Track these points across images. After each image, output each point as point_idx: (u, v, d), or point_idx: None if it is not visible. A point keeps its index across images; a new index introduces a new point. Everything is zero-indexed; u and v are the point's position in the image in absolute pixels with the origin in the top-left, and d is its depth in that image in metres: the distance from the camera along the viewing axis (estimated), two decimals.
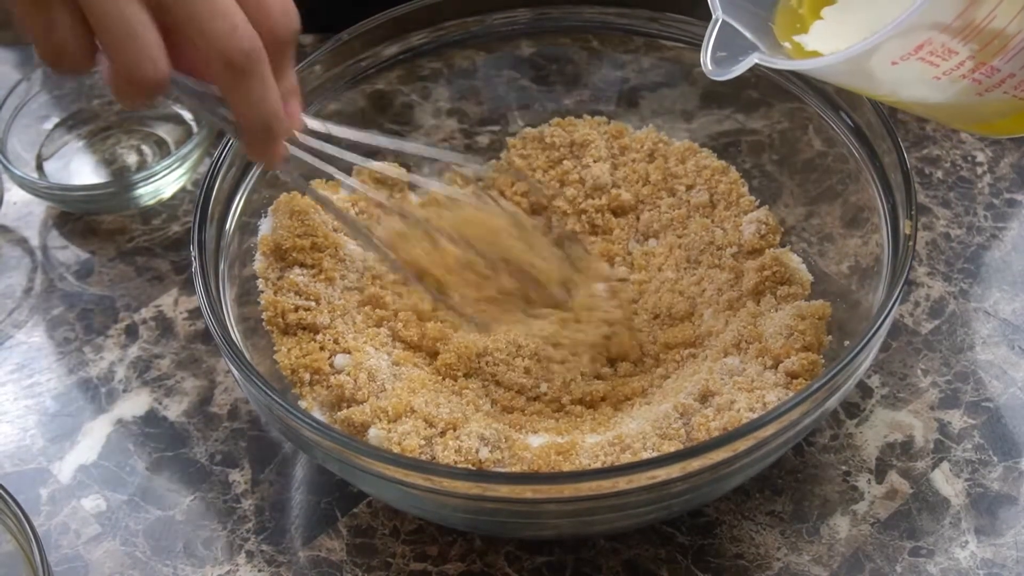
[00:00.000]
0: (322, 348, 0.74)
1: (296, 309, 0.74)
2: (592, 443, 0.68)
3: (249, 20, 0.56)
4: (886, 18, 0.54)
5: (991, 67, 0.57)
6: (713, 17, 0.64)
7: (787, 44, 0.64)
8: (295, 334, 0.74)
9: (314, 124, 0.66)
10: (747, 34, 0.63)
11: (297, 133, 0.64)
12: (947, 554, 0.68)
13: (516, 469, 0.67)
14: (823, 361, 0.70)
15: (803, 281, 0.76)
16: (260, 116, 0.58)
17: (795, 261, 0.77)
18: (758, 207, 0.80)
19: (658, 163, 0.83)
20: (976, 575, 0.67)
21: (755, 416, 0.65)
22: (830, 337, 0.71)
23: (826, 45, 0.63)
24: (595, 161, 0.83)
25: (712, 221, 0.80)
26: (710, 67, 0.63)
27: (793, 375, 0.69)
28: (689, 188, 0.82)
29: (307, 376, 0.73)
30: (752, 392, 0.68)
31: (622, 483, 0.60)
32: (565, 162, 0.84)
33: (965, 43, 0.56)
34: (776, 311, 0.73)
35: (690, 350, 0.75)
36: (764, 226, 0.78)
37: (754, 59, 0.62)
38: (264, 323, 0.74)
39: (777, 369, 0.70)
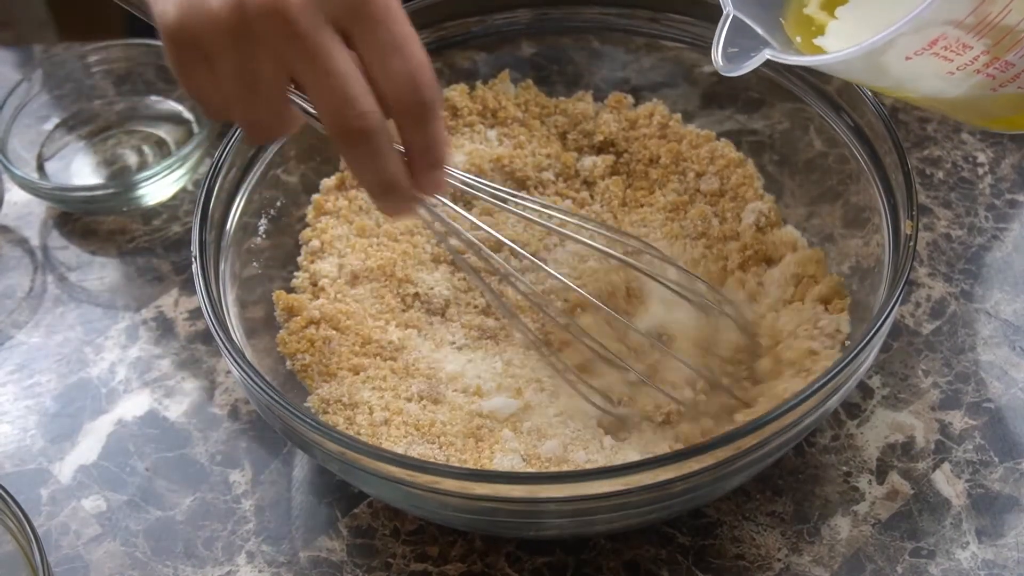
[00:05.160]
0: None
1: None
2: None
3: (375, 85, 0.56)
4: (901, 14, 0.54)
5: (1005, 62, 0.57)
6: (724, 12, 0.63)
7: (798, 38, 0.64)
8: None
9: (466, 179, 0.67)
10: (758, 30, 0.62)
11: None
12: (948, 555, 0.68)
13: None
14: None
15: (793, 242, 0.75)
16: (374, 183, 0.59)
17: (787, 230, 0.76)
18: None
19: (671, 146, 0.81)
20: None
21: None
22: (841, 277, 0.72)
23: (844, 43, 0.62)
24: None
25: (715, 209, 0.78)
26: (721, 63, 0.62)
27: (826, 300, 0.70)
28: (699, 176, 0.80)
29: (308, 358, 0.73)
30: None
31: (623, 483, 0.59)
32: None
33: (979, 38, 0.56)
34: (771, 271, 0.74)
35: None
36: (764, 217, 0.76)
37: (766, 55, 0.61)
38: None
39: (804, 302, 0.70)
